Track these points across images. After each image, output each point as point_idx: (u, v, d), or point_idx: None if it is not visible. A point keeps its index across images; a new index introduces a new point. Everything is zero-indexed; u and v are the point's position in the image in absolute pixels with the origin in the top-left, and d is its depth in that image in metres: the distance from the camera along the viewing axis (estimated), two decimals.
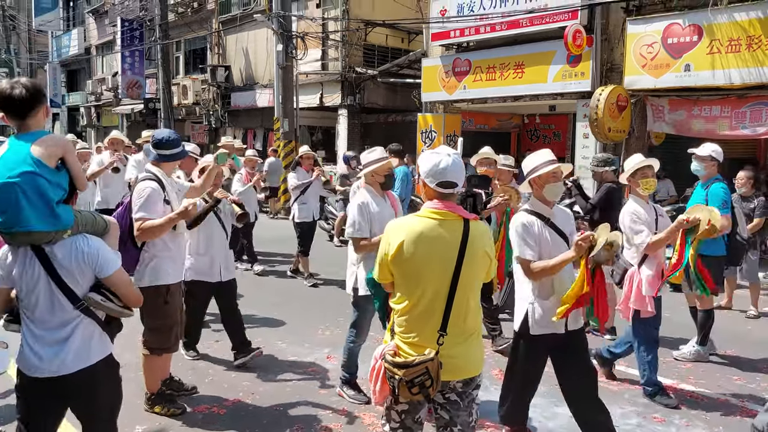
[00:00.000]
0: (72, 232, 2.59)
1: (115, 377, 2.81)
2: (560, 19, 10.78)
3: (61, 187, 2.54)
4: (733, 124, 9.38)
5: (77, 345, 2.60)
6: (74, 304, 2.58)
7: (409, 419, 2.68)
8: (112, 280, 2.65)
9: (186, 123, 23.55)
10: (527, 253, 3.47)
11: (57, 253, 2.55)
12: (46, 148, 2.48)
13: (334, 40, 17.11)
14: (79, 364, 2.60)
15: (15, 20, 33.04)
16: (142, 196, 4.01)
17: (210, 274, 5.03)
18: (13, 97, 2.49)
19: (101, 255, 2.61)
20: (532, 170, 3.57)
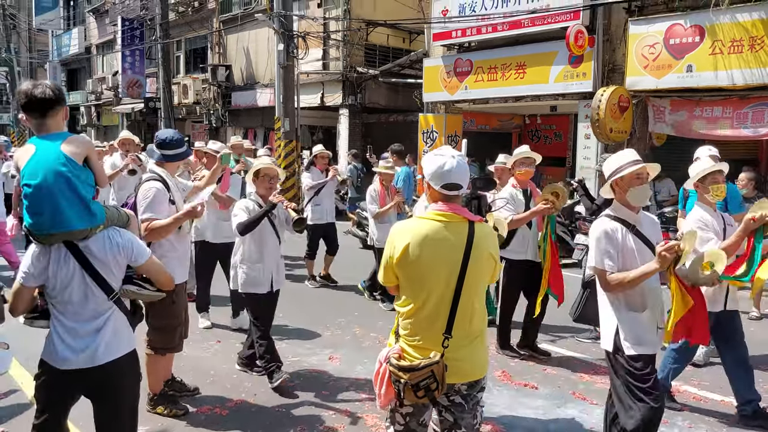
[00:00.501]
0: (103, 227, 2.70)
1: (138, 371, 2.92)
2: (562, 20, 10.77)
3: (90, 185, 2.65)
4: (734, 124, 9.37)
5: (108, 336, 2.70)
6: (108, 295, 2.69)
7: (413, 422, 2.67)
8: (145, 267, 2.80)
9: (186, 122, 23.54)
10: (606, 264, 3.15)
11: (92, 247, 2.65)
12: (75, 147, 2.59)
13: (335, 40, 17.10)
14: (109, 355, 2.70)
15: (15, 19, 33.01)
16: (147, 196, 4.02)
17: (261, 285, 4.73)
18: (36, 96, 2.59)
19: (134, 245, 2.77)
20: (615, 171, 3.27)
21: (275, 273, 4.79)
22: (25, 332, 5.52)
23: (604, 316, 3.32)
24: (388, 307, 6.95)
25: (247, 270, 4.72)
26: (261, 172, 4.71)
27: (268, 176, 4.70)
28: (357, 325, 6.39)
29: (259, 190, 4.75)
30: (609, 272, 3.14)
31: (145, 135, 24.24)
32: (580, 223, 9.46)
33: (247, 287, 4.73)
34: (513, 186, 5.58)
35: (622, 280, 3.11)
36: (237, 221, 4.57)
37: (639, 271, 3.08)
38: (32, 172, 2.55)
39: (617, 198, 3.32)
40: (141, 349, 4.38)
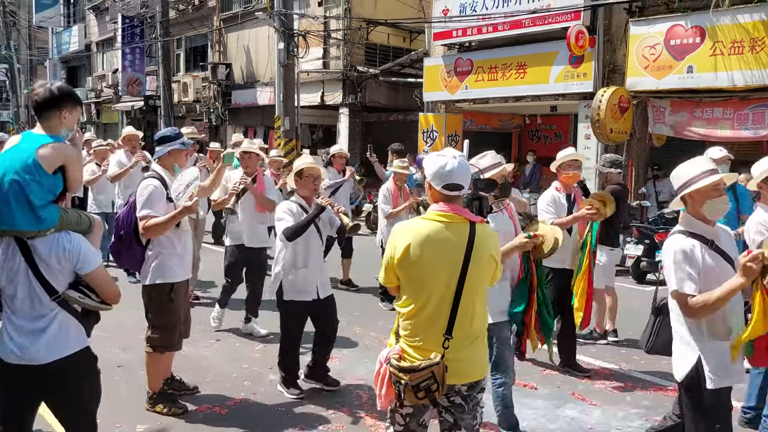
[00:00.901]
0: (56, 230, 2.68)
1: (90, 370, 2.87)
2: (563, 20, 10.77)
3: (52, 192, 2.67)
4: (735, 126, 9.37)
5: (53, 336, 2.68)
6: (51, 296, 2.66)
7: (413, 422, 2.67)
8: (91, 277, 2.73)
9: (186, 120, 23.50)
10: (687, 287, 2.76)
11: (38, 247, 2.64)
12: (49, 154, 2.63)
13: (335, 39, 17.09)
14: (55, 354, 2.68)
15: (15, 16, 32.98)
16: (144, 194, 4.05)
17: (307, 292, 4.49)
18: (35, 96, 2.71)
19: (82, 252, 2.70)
20: (687, 183, 2.92)
21: (320, 278, 4.55)
22: None
23: (681, 345, 2.95)
24: (387, 307, 6.94)
25: (292, 277, 4.43)
26: (305, 172, 4.43)
27: (312, 176, 4.43)
28: (357, 325, 6.39)
29: (302, 191, 4.46)
30: (691, 296, 2.77)
31: (145, 133, 24.19)
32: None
33: (292, 295, 4.45)
34: (557, 189, 5.29)
35: (706, 302, 2.73)
36: (283, 226, 4.27)
37: (723, 288, 2.71)
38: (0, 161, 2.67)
39: (690, 211, 2.97)
40: (139, 348, 4.39)
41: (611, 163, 6.31)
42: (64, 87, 2.81)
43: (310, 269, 4.48)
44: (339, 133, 17.42)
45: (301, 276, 4.43)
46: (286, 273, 4.45)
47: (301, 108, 16.64)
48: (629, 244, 8.67)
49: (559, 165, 5.32)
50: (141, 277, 4.24)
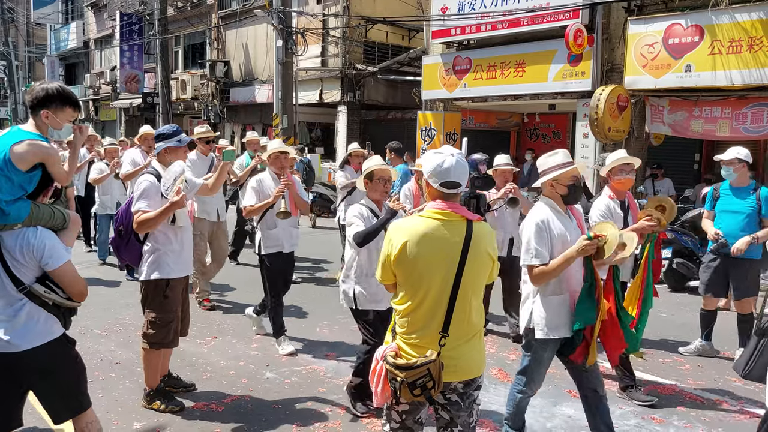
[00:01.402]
0: (24, 224, 2.75)
1: (63, 359, 2.91)
2: (561, 18, 10.76)
3: (22, 188, 2.73)
4: (733, 125, 9.38)
5: (22, 325, 2.75)
6: (17, 287, 2.73)
7: (409, 419, 2.67)
8: (56, 273, 2.77)
9: (184, 118, 23.51)
10: None
11: (5, 239, 2.72)
12: (24, 151, 2.70)
13: (334, 37, 17.08)
14: (24, 344, 2.74)
15: (13, 13, 32.91)
16: (138, 189, 4.12)
17: (382, 300, 4.17)
18: (29, 94, 2.86)
19: (47, 248, 2.75)
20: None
21: None
22: None
23: None
24: None
25: (366, 286, 4.16)
26: (375, 175, 4.18)
27: (383, 179, 4.19)
28: (355, 323, 6.38)
29: (372, 194, 4.21)
30: None
31: None
32: None
33: (366, 304, 4.18)
34: (609, 197, 4.71)
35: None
36: (354, 231, 4.05)
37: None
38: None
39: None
40: (137, 346, 4.39)
41: None
42: (55, 88, 2.86)
43: None
44: (337, 131, 17.41)
45: (374, 284, 4.03)
46: (359, 281, 4.17)
47: (300, 106, 16.63)
48: None
49: (609, 170, 4.70)
50: (139, 273, 4.25)
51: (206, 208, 6.66)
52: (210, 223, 6.82)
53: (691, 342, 5.82)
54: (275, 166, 5.42)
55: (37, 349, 2.77)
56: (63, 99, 2.84)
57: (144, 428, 4.02)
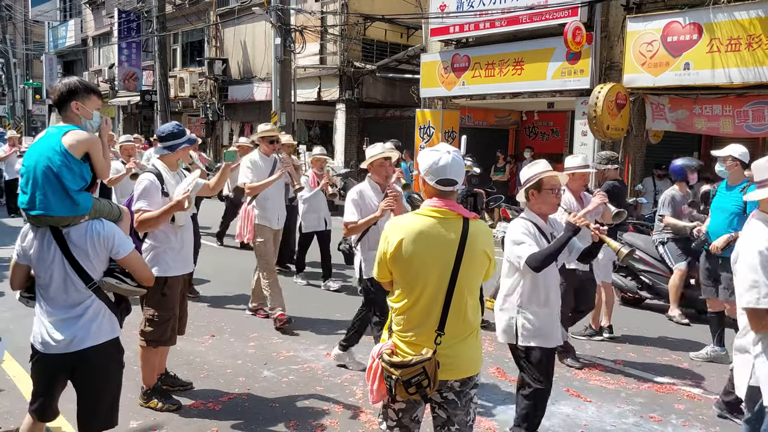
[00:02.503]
0: (89, 217, 2.82)
1: (118, 360, 3.00)
2: (560, 16, 10.76)
3: (83, 178, 2.79)
4: (736, 123, 9.39)
5: (87, 324, 2.79)
6: (87, 284, 2.77)
7: (406, 418, 2.66)
8: (126, 261, 2.86)
9: (183, 116, 23.46)
10: None
11: (72, 235, 2.76)
12: (74, 140, 2.77)
13: (332, 34, 17.05)
14: (87, 342, 2.79)
15: (11, 10, 32.82)
16: (138, 188, 4.10)
17: (548, 337, 3.56)
18: (52, 94, 2.92)
19: (117, 237, 2.83)
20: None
21: (557, 320, 3.64)
22: (13, 323, 5.48)
23: None
24: None
25: (534, 318, 3.48)
26: (544, 184, 3.48)
27: (554, 188, 3.51)
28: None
29: (542, 206, 3.54)
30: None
31: (141, 128, 24.19)
32: None
33: (531, 340, 3.48)
34: None
35: None
36: (525, 252, 3.33)
37: None
38: (29, 155, 2.84)
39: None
40: (134, 344, 4.37)
41: (608, 159, 6.32)
42: (76, 80, 2.95)
43: (553, 308, 3.53)
44: (336, 129, 17.39)
45: (543, 317, 3.45)
46: (524, 310, 3.48)
47: (298, 104, 16.61)
48: None
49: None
50: None
51: (267, 214, 6.11)
52: (271, 230, 6.19)
53: (702, 347, 5.67)
54: (379, 175, 4.59)
55: (99, 347, 2.83)
56: (87, 89, 2.93)
57: (141, 427, 4.01)
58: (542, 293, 3.50)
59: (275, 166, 6.14)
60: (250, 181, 5.90)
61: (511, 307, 3.53)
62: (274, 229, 6.19)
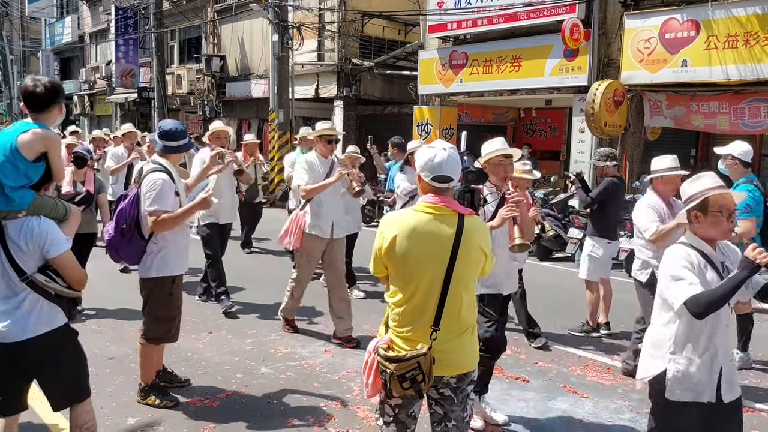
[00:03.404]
0: (27, 213, 2.82)
1: (65, 348, 2.98)
2: (558, 13, 10.76)
3: (26, 176, 2.79)
4: (732, 120, 9.41)
5: (25, 315, 2.82)
6: (20, 276, 2.80)
7: (402, 413, 2.67)
8: (57, 261, 2.85)
9: (180, 113, 23.41)
10: None
11: (9, 228, 2.80)
12: (29, 140, 2.77)
13: (330, 31, 17.02)
14: (27, 333, 2.81)
15: (8, 7, 32.71)
16: (155, 188, 3.97)
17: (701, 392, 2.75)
18: (35, 94, 2.85)
19: (50, 236, 2.82)
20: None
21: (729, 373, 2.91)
22: None
23: None
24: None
25: (694, 370, 2.76)
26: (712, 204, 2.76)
27: (725, 209, 2.78)
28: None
29: (711, 231, 2.80)
30: None
31: (138, 125, 24.11)
32: (573, 216, 9.48)
33: (682, 395, 2.77)
34: None
35: None
36: (687, 291, 2.65)
37: None
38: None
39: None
40: (131, 341, 4.38)
41: (606, 156, 6.32)
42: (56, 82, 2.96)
43: (716, 358, 2.77)
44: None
45: (696, 365, 2.75)
46: (676, 358, 2.78)
47: (296, 101, 16.59)
48: (622, 237, 8.68)
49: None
50: (141, 270, 4.17)
51: (320, 223, 5.51)
52: (321, 241, 5.57)
53: None
54: (497, 176, 3.91)
55: (40, 338, 2.84)
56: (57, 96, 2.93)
57: (138, 423, 4.01)
58: (702, 341, 2.77)
59: (332, 168, 5.56)
60: (306, 183, 5.39)
61: (663, 354, 2.83)
62: (324, 239, 5.55)
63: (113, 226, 4.05)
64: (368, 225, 11.97)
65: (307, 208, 5.52)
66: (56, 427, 3.82)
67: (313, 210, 5.49)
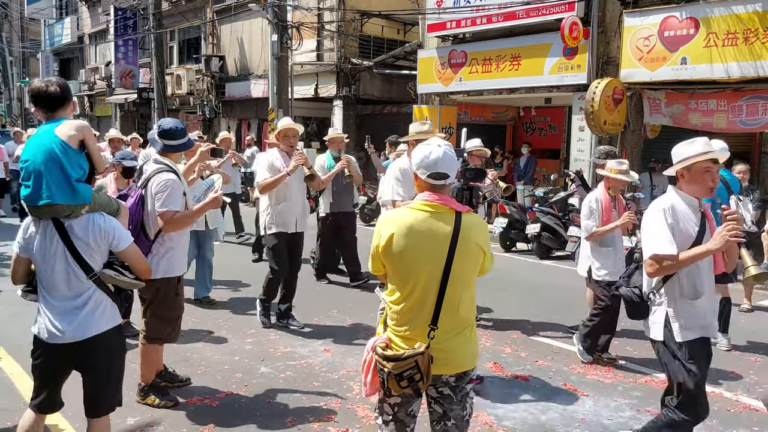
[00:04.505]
0: (89, 209, 2.88)
1: (121, 347, 3.09)
2: (557, 11, 10.76)
3: (81, 167, 2.85)
4: (729, 118, 9.40)
5: (89, 313, 2.86)
6: (88, 274, 2.84)
7: (401, 412, 2.66)
8: (125, 254, 2.94)
9: (180, 113, 23.41)
10: None
11: (75, 227, 2.82)
12: (69, 130, 2.82)
13: (329, 31, 17.02)
14: (90, 331, 2.86)
15: (7, 8, 32.72)
16: (165, 189, 3.96)
17: None
18: (49, 94, 2.88)
19: (117, 230, 2.91)
20: None
21: None
22: (9, 322, 5.47)
23: None
24: None
25: None
26: None
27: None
28: (350, 317, 6.38)
29: None
30: None
31: (138, 126, 24.13)
32: (573, 215, 9.48)
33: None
34: None
35: None
36: None
37: None
38: (27, 149, 2.89)
39: None
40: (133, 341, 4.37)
41: (606, 154, 6.31)
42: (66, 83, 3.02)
43: None
44: (333, 126, 17.36)
45: None
46: None
47: (295, 100, 16.59)
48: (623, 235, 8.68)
49: None
50: None
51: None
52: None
53: None
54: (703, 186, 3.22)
55: (103, 335, 2.89)
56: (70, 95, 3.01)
57: (138, 423, 4.01)
58: None
59: None
60: (402, 199, 4.75)
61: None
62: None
63: None
64: (368, 224, 11.98)
65: None
66: (56, 428, 3.82)
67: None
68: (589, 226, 5.13)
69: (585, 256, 5.38)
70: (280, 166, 5.61)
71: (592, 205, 5.11)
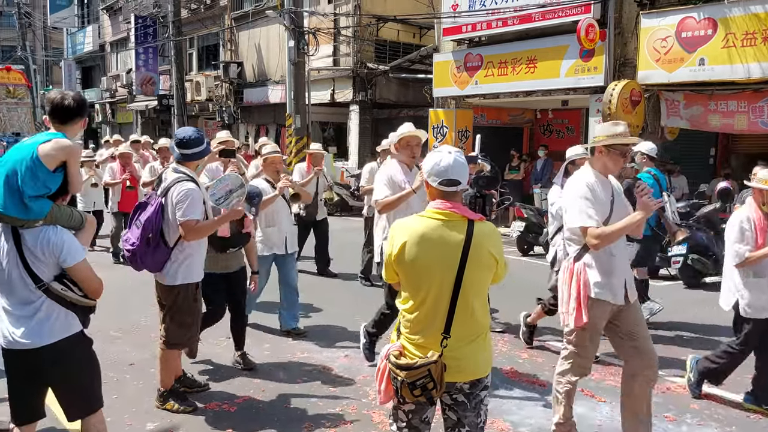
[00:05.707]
0: (44, 222, 2.87)
1: (80, 355, 3.01)
2: (573, 13, 10.70)
3: (45, 186, 2.85)
4: (751, 119, 9.27)
5: (40, 323, 2.86)
6: (36, 284, 2.84)
7: (416, 419, 2.67)
8: (73, 270, 2.89)
9: (199, 119, 23.69)
10: None
11: (27, 237, 2.85)
12: (50, 150, 2.83)
13: (345, 36, 17.11)
14: (44, 339, 2.86)
15: (30, 17, 33.37)
16: (186, 198, 3.99)
17: None
18: (64, 107, 2.94)
19: (66, 246, 2.87)
20: None
21: None
22: None
23: None
24: None
25: None
26: None
27: None
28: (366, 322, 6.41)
29: None
30: None
31: (159, 132, 24.45)
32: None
33: None
34: None
35: None
36: None
37: None
38: (7, 153, 2.94)
39: None
40: (151, 346, 4.45)
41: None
42: (82, 98, 3.08)
43: None
44: (350, 131, 17.45)
45: None
46: None
47: (312, 105, 16.69)
48: None
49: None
50: (166, 278, 4.16)
51: None
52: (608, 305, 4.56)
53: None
54: None
55: (56, 345, 2.87)
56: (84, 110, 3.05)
57: (157, 428, 4.07)
58: None
59: None
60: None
61: None
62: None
63: (138, 235, 4.00)
64: None
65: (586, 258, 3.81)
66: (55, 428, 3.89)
67: None
68: (741, 250, 4.27)
69: (730, 289, 4.48)
70: (401, 182, 4.78)
71: (744, 225, 4.28)
